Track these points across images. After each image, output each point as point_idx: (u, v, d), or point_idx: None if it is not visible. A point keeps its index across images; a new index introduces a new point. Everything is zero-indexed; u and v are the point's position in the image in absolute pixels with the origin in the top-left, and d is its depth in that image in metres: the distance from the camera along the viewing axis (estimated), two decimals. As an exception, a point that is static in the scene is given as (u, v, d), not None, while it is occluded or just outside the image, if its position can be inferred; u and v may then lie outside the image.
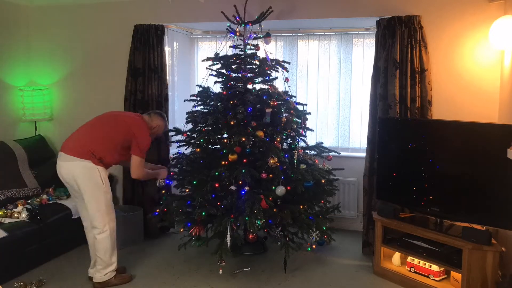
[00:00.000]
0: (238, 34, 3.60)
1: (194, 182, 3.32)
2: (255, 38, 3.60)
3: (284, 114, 3.34)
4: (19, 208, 3.58)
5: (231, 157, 3.14)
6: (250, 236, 3.24)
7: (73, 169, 3.00)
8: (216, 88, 3.61)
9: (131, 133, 3.12)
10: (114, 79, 4.38)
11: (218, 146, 3.47)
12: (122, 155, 3.19)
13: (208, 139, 3.45)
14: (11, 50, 4.40)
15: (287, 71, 3.68)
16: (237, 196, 3.19)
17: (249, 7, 3.63)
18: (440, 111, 3.57)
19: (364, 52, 4.27)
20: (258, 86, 3.59)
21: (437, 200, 3.13)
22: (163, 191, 3.61)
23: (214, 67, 3.59)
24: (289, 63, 3.67)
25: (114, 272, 3.17)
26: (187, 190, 3.46)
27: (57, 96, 4.62)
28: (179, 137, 3.61)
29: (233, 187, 3.17)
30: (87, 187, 3.02)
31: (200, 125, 3.50)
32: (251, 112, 3.38)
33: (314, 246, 3.45)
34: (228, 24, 3.63)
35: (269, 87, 3.49)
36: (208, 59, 3.57)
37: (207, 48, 4.75)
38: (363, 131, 4.24)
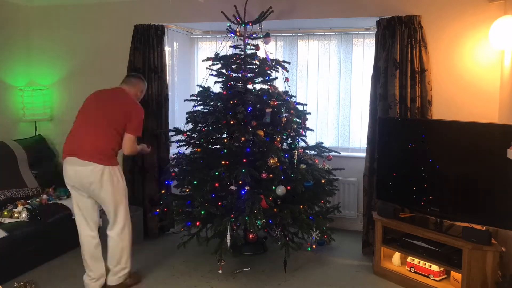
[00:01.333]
0: (238, 34, 3.60)
1: (195, 182, 3.33)
2: (255, 38, 3.61)
3: (284, 114, 3.35)
4: (19, 208, 3.58)
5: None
6: (250, 236, 3.24)
7: (94, 174, 2.89)
8: (216, 88, 3.61)
9: (127, 117, 3.01)
10: (114, 79, 4.35)
11: (218, 146, 3.47)
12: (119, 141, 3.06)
13: (208, 139, 3.45)
14: (11, 50, 4.40)
15: (287, 71, 3.68)
16: (237, 196, 3.19)
17: (249, 7, 3.63)
18: (440, 111, 3.57)
19: (364, 52, 4.27)
20: (258, 86, 3.59)
21: (437, 200, 3.13)
22: (163, 191, 3.61)
23: (214, 67, 3.59)
24: (289, 63, 3.67)
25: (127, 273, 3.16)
26: (187, 190, 3.47)
27: (57, 96, 4.62)
28: (179, 137, 3.61)
29: (233, 187, 3.17)
30: (110, 189, 2.95)
31: (200, 125, 3.50)
32: (251, 112, 3.38)
33: (314, 246, 3.45)
34: (228, 24, 3.64)
35: (269, 87, 3.49)
36: (208, 59, 3.57)
37: (207, 48, 4.75)
38: (363, 131, 4.24)
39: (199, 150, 3.45)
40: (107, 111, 3.01)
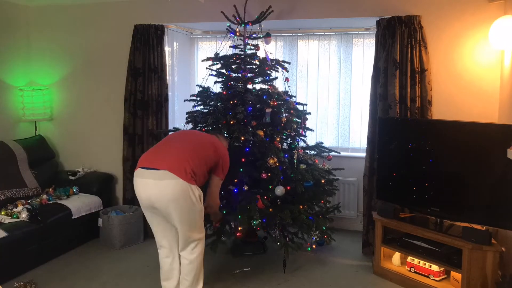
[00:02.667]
0: (238, 34, 3.60)
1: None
2: (254, 38, 3.61)
3: (284, 114, 3.35)
4: (19, 208, 3.58)
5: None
6: (238, 234, 3.16)
7: (169, 189, 2.52)
8: (216, 88, 3.62)
9: (218, 154, 2.77)
10: (114, 79, 4.38)
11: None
12: (206, 177, 2.80)
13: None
14: (11, 50, 4.40)
15: (287, 71, 3.68)
16: (235, 195, 3.19)
17: (249, 7, 3.63)
18: (440, 111, 3.57)
19: (364, 52, 4.27)
20: (258, 86, 3.59)
21: (437, 200, 3.13)
22: None
23: (214, 67, 3.60)
24: (289, 63, 3.67)
25: None
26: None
27: (57, 96, 4.62)
28: (179, 137, 3.61)
29: (231, 187, 3.17)
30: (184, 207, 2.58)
31: (200, 125, 3.50)
32: (251, 112, 3.38)
33: (314, 246, 3.46)
34: (228, 24, 3.64)
35: (269, 87, 3.50)
36: (208, 59, 3.58)
37: (207, 48, 4.75)
38: (363, 131, 4.24)
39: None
40: (196, 139, 2.78)
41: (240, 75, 3.51)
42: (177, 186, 2.49)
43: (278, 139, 3.27)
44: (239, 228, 3.04)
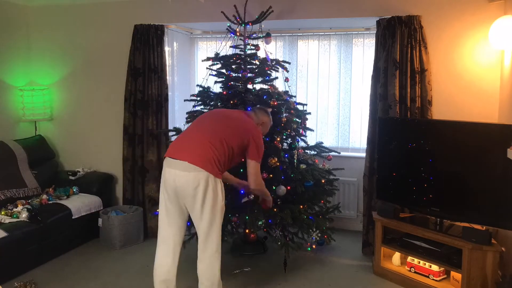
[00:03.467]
0: (238, 34, 3.60)
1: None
2: (255, 38, 3.61)
3: (284, 114, 3.35)
4: (19, 208, 3.58)
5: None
6: (251, 236, 3.23)
7: (195, 180, 2.51)
8: (216, 88, 3.62)
9: (248, 137, 2.68)
10: (114, 79, 4.38)
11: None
12: (234, 162, 2.75)
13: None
14: (11, 50, 4.40)
15: (287, 71, 3.68)
16: (238, 195, 3.19)
17: (249, 7, 3.63)
18: (440, 111, 3.57)
19: (364, 52, 4.27)
20: (258, 86, 3.59)
21: (437, 200, 3.13)
22: None
23: (214, 67, 3.60)
24: (289, 63, 3.67)
25: None
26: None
27: (57, 96, 4.62)
28: (179, 137, 3.61)
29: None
30: (209, 202, 2.56)
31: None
32: (251, 112, 3.38)
33: (314, 246, 3.46)
34: (228, 24, 3.64)
35: (269, 87, 3.50)
36: (208, 59, 3.58)
37: (207, 48, 4.75)
38: (363, 131, 4.24)
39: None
40: (224, 121, 2.72)
41: (240, 75, 3.51)
42: (202, 179, 2.51)
43: (278, 139, 3.27)
44: (252, 230, 3.03)
